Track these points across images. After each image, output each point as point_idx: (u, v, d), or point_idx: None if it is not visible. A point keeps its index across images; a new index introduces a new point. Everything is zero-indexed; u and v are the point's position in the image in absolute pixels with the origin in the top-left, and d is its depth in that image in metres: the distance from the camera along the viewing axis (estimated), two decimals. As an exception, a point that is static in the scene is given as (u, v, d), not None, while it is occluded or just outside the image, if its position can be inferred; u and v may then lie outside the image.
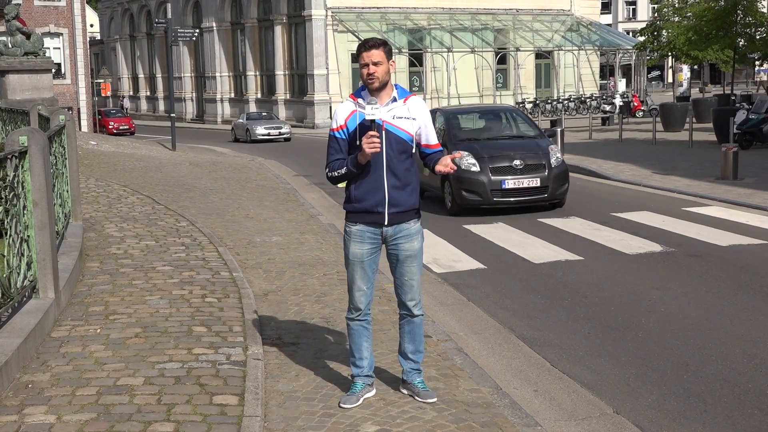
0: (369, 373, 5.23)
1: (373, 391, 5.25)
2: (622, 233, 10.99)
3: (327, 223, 11.96)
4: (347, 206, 5.06)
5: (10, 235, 5.97)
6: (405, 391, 5.28)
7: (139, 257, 9.00)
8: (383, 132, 4.87)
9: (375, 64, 4.85)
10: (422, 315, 5.22)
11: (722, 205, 13.17)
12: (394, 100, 4.96)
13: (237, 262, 8.99)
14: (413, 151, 5.02)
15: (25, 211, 6.36)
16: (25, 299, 6.33)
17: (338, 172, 4.96)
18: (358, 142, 4.87)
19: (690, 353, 6.34)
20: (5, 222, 5.87)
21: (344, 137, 4.97)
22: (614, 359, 6.29)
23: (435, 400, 5.16)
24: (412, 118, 4.96)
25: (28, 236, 6.41)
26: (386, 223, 4.97)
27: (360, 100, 4.94)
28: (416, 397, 5.17)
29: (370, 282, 5.10)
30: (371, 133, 4.78)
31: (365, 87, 4.95)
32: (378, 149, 4.80)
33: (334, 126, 5.02)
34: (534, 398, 5.61)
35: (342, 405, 5.09)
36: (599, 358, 6.33)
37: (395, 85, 5.02)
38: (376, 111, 4.82)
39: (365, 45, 4.91)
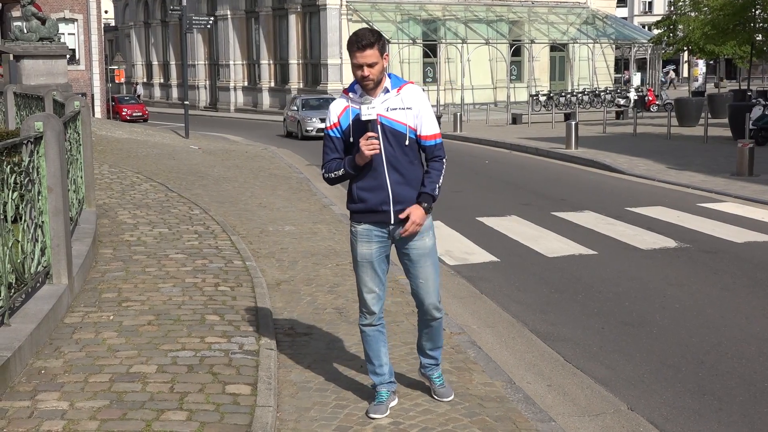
0: (391, 379, 4.96)
1: (396, 400, 4.98)
2: (636, 228, 10.93)
3: (340, 213, 11.93)
4: (351, 206, 4.75)
5: (25, 221, 5.97)
6: (424, 380, 5.15)
7: (152, 244, 9.00)
8: (378, 127, 4.56)
9: (370, 66, 4.48)
10: (442, 317, 4.98)
11: (738, 201, 13.09)
12: (387, 91, 4.61)
13: (250, 251, 8.98)
14: (414, 143, 4.66)
15: (40, 197, 6.37)
16: (38, 285, 6.34)
17: (335, 174, 4.67)
18: (352, 140, 4.60)
19: (705, 350, 6.29)
20: (20, 207, 5.87)
21: (338, 135, 4.66)
22: (628, 355, 6.25)
23: (452, 398, 5.05)
24: (407, 108, 4.61)
25: (43, 222, 6.41)
26: (392, 222, 4.67)
27: (352, 95, 4.63)
28: (433, 394, 5.08)
29: (382, 284, 4.80)
30: (369, 134, 4.49)
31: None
32: (377, 151, 4.51)
33: (328, 124, 4.69)
34: (547, 393, 5.58)
35: (371, 415, 4.79)
36: (613, 354, 6.29)
37: (388, 75, 4.65)
38: (372, 111, 4.51)
39: (358, 44, 4.46)
